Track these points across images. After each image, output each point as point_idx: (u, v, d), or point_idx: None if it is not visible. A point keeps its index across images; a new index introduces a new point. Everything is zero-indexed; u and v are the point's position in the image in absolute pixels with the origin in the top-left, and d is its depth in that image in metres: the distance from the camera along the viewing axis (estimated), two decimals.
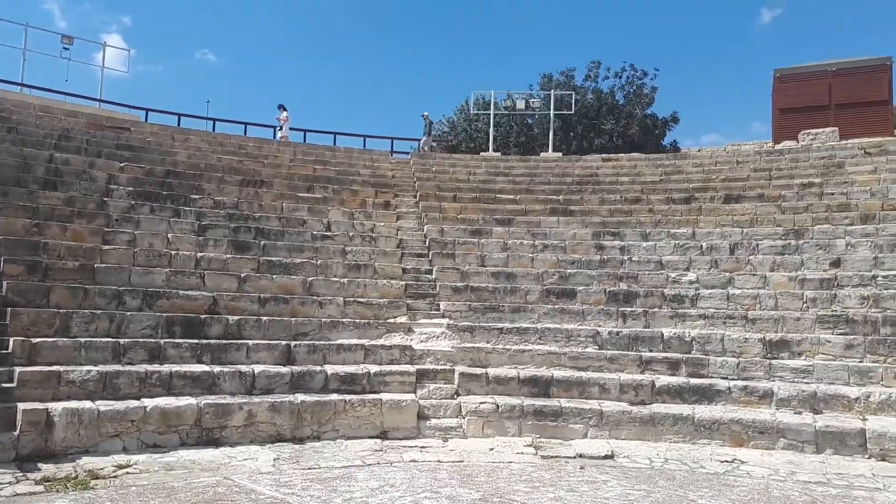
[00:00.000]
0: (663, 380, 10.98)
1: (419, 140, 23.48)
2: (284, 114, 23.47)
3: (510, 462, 8.51)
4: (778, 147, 19.73)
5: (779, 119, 20.96)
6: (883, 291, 12.08)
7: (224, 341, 10.54)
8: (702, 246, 14.63)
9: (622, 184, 18.80)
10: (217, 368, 9.82)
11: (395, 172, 19.82)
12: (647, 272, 14.10)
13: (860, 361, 10.86)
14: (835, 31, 79.48)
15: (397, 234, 15.72)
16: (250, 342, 10.63)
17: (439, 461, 8.40)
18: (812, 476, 8.25)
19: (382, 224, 15.99)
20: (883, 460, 9.04)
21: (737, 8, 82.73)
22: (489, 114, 26.54)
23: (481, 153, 25.12)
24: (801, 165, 17.64)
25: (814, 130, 19.22)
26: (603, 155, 22.60)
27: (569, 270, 14.33)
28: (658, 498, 6.91)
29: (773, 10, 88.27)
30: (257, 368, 10.04)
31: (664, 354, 11.62)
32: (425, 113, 22.37)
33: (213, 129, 24.60)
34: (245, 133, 24.13)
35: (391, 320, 12.31)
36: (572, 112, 27.49)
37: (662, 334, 12.03)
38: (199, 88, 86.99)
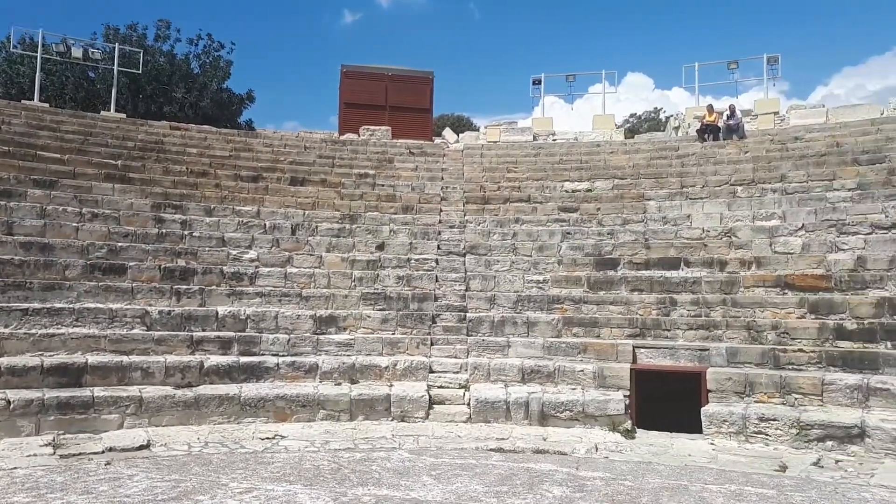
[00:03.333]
0: (214, 360, 10.69)
1: None
2: None
3: (14, 468, 7.15)
4: (342, 138, 21.18)
5: (344, 112, 22.51)
6: (415, 272, 13.88)
7: None
8: (265, 225, 14.75)
9: (190, 155, 17.85)
10: None
11: None
12: (207, 249, 13.60)
13: (392, 333, 12.27)
14: (399, 40, 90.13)
15: None
16: None
17: None
18: (343, 443, 8.93)
19: None
20: (403, 421, 10.34)
21: (322, 6, 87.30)
22: (36, 56, 22.48)
23: (23, 101, 21.10)
24: (359, 157, 19.23)
25: (372, 127, 21.17)
26: (172, 123, 21.14)
27: (121, 244, 12.94)
28: (188, 487, 6.57)
29: (354, 13, 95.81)
30: None
31: (217, 333, 11.35)
32: None
33: None
34: None
35: None
36: (140, 72, 25.10)
37: (217, 313, 11.73)
38: None
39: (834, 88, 75.44)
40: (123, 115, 21.64)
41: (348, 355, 11.53)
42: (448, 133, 23.84)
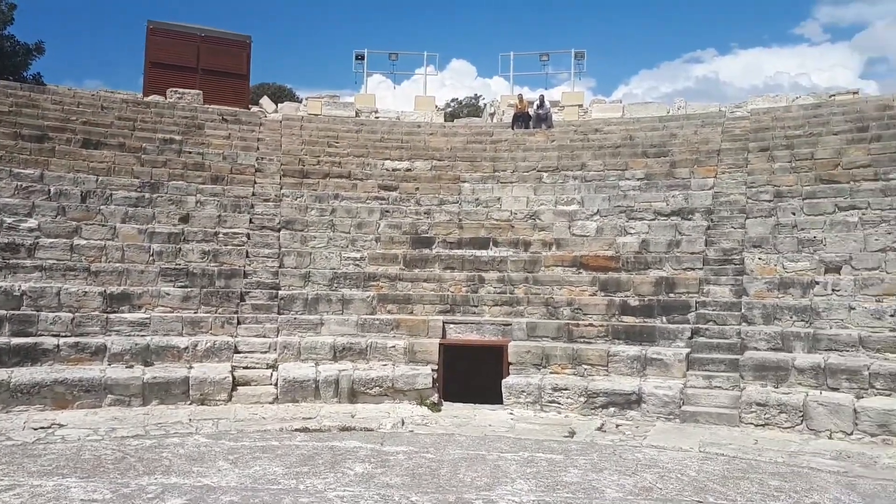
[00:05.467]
0: None
1: None
2: None
3: None
4: (147, 99, 19.40)
5: (150, 73, 20.58)
6: (223, 247, 13.14)
7: None
8: (50, 191, 13.16)
9: None
10: None
11: None
12: None
13: (195, 312, 11.54)
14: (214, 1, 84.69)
15: None
16: None
17: None
18: (132, 430, 8.25)
19: None
20: (203, 404, 9.78)
21: None
22: None
23: None
24: (165, 121, 17.76)
25: (181, 90, 19.58)
26: None
27: None
28: None
29: None
30: None
31: None
32: None
33: None
34: None
35: None
36: None
37: None
38: None
39: (633, 88, 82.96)
40: None
41: (143, 336, 10.67)
42: (266, 102, 22.77)
